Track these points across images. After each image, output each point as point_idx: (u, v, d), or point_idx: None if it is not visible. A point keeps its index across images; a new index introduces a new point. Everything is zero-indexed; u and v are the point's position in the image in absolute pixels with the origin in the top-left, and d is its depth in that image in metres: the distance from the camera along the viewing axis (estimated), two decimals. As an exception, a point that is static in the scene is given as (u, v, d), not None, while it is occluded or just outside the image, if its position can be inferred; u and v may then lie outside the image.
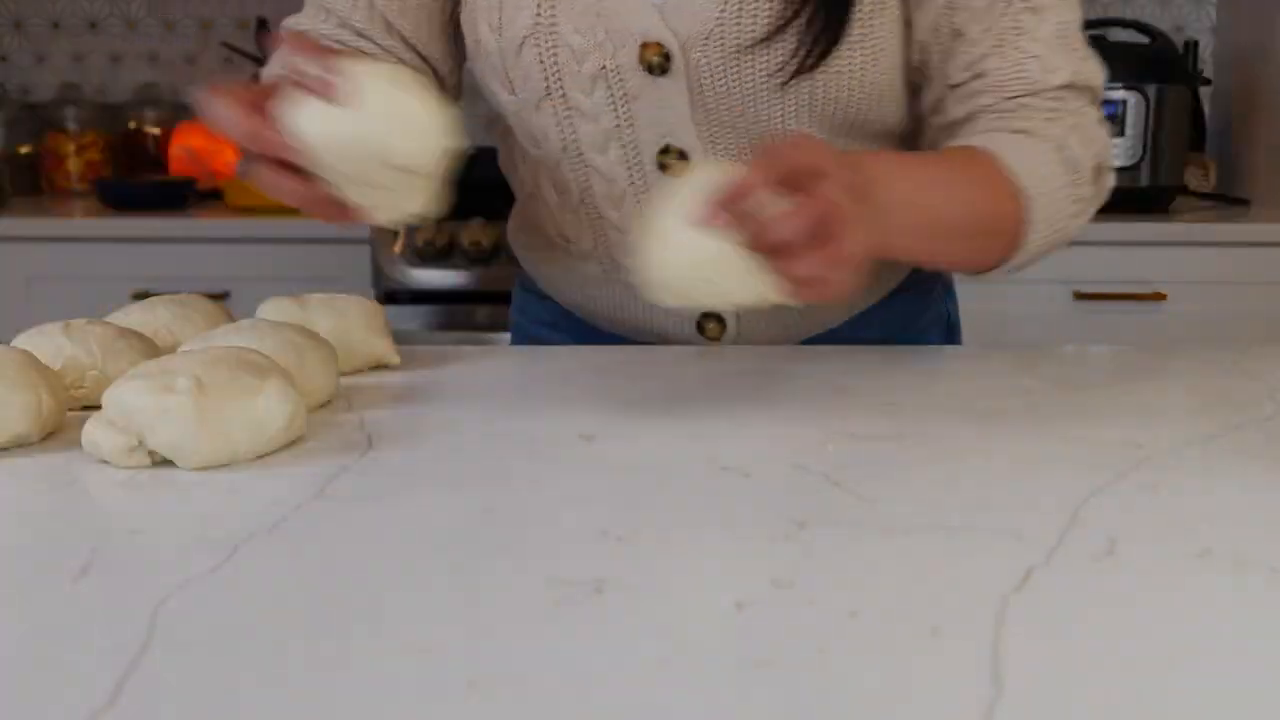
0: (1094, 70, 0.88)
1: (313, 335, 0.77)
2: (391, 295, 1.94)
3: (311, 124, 0.67)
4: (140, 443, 0.63)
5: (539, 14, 0.88)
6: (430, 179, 0.69)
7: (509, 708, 0.38)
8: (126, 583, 0.48)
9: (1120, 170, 1.69)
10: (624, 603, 0.46)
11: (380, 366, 0.89)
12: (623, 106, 0.90)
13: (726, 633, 0.44)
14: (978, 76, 0.86)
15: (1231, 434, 0.70)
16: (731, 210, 0.64)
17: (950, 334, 1.10)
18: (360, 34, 0.93)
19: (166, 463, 0.64)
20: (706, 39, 0.86)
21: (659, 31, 0.87)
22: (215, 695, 0.39)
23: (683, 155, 0.91)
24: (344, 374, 0.85)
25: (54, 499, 0.61)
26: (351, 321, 0.86)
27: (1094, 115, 0.88)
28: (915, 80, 0.91)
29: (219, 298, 1.94)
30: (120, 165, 2.52)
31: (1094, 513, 0.56)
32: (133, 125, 2.52)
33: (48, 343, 0.75)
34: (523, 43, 0.89)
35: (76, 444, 0.66)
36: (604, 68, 0.89)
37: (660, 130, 0.90)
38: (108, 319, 0.83)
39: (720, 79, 0.87)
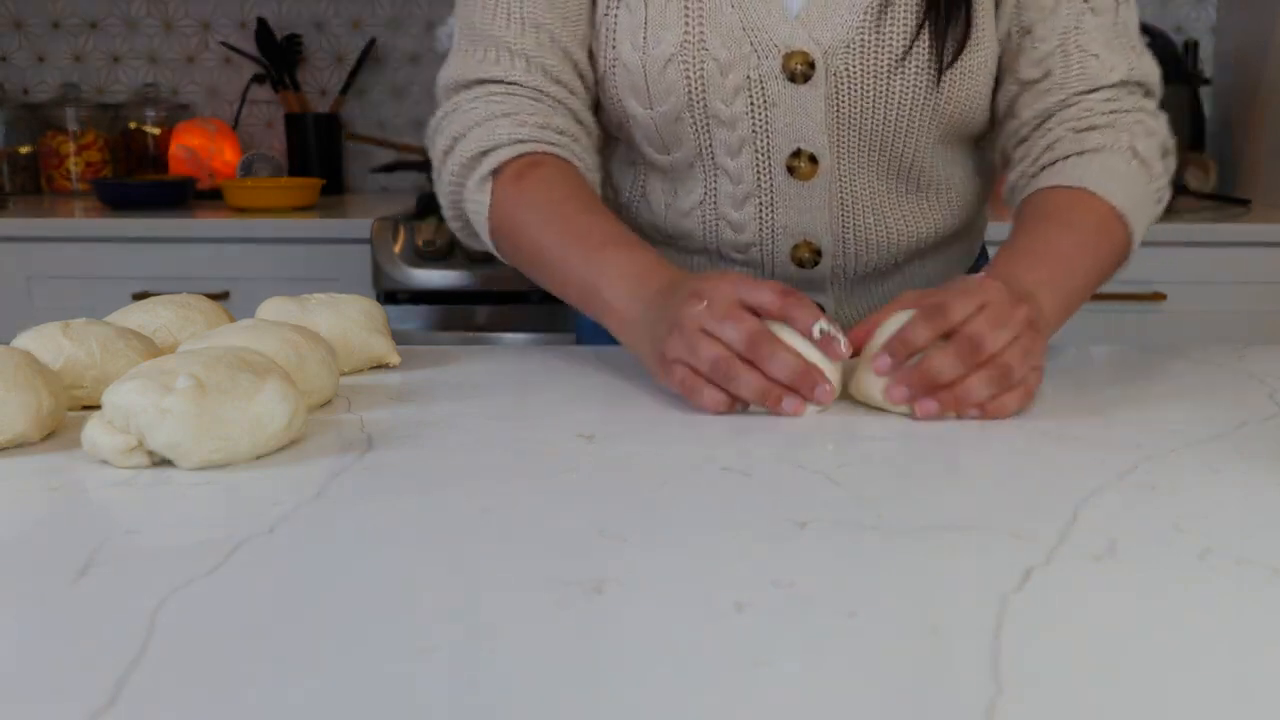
0: (1148, 65, 0.96)
1: (313, 335, 0.77)
2: (391, 295, 1.94)
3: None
4: (139, 443, 0.63)
5: (687, 32, 0.91)
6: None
7: (509, 708, 0.38)
8: (126, 583, 0.48)
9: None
10: (624, 603, 0.46)
11: (380, 366, 0.89)
12: (760, 113, 0.93)
13: (726, 633, 0.44)
14: (1047, 75, 0.94)
15: (1231, 434, 0.70)
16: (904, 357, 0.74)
17: None
18: (555, 80, 0.93)
19: (166, 463, 0.64)
20: (848, 47, 0.91)
21: (802, 41, 0.91)
22: (215, 695, 0.39)
23: (813, 159, 0.94)
24: (344, 374, 0.85)
25: (54, 499, 0.61)
26: (351, 321, 0.86)
27: (1150, 106, 0.95)
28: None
29: (219, 298, 1.94)
30: (120, 165, 2.52)
31: (1094, 513, 0.56)
32: (133, 125, 2.52)
33: (48, 343, 0.75)
34: (668, 61, 0.92)
35: (76, 444, 0.66)
36: (748, 78, 0.92)
37: (793, 135, 0.94)
38: (108, 319, 0.83)
39: (858, 84, 0.92)
